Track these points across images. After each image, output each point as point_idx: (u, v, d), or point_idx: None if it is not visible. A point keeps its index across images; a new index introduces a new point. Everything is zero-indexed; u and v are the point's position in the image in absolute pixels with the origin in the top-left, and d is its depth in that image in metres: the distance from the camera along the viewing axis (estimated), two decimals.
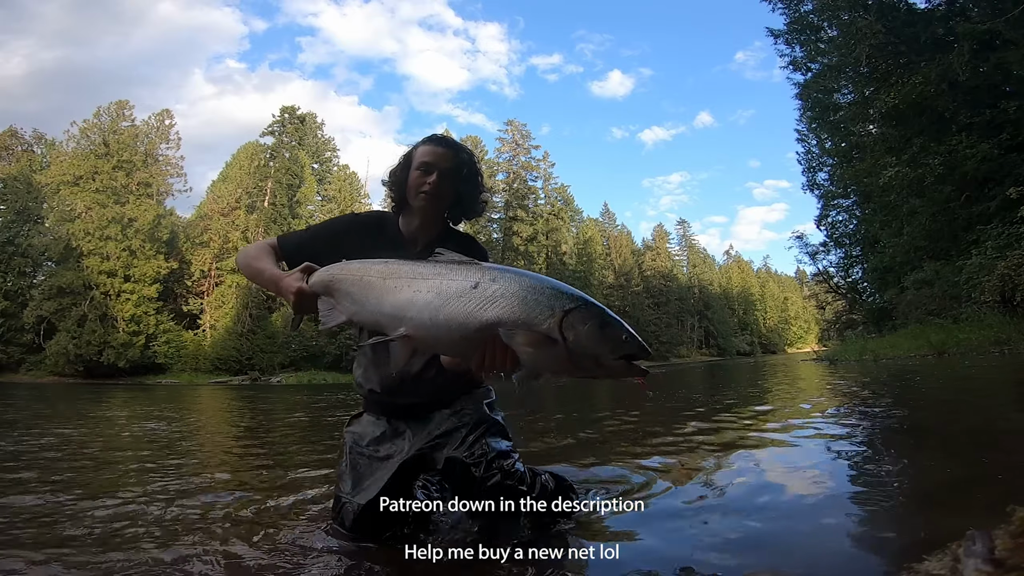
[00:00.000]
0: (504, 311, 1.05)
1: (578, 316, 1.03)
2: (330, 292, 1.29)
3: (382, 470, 1.45)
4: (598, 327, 1.03)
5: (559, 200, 50.62)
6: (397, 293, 1.16)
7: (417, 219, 1.50)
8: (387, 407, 1.52)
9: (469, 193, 1.52)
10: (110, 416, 6.71)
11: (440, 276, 1.13)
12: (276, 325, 33.85)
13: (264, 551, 1.37)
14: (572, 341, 1.02)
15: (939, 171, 13.47)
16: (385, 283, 1.19)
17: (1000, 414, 3.34)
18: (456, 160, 1.47)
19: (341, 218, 1.61)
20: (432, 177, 1.44)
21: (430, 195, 1.44)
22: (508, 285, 1.07)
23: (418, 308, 1.12)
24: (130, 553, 1.38)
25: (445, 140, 1.51)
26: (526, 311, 1.04)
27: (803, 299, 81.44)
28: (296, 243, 1.51)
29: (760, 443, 2.72)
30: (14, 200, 32.45)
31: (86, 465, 2.93)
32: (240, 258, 1.52)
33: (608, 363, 1.04)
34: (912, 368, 8.27)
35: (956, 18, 14.21)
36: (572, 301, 1.05)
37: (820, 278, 27.77)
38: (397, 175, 1.50)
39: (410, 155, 1.50)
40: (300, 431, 4.96)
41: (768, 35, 20.15)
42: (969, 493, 1.56)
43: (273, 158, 37.44)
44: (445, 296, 1.10)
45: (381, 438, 1.50)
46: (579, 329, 1.02)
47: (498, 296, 1.06)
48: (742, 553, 1.21)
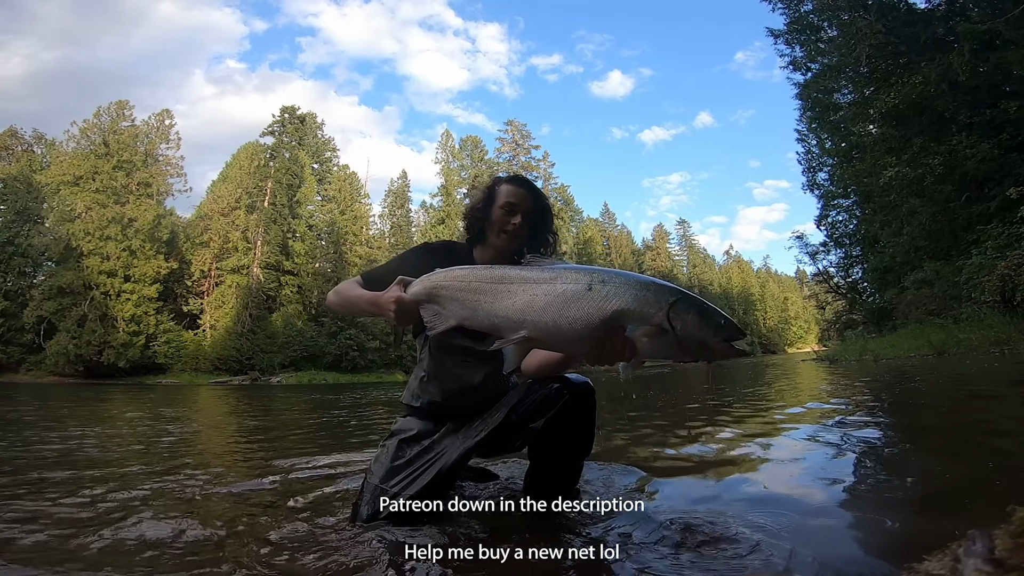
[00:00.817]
0: (623, 307, 1.16)
1: (682, 306, 1.14)
2: (434, 299, 1.36)
3: (422, 471, 1.51)
4: (699, 314, 1.14)
5: (559, 200, 50.66)
6: (512, 297, 1.24)
7: (492, 251, 1.61)
8: (440, 415, 1.60)
9: (543, 233, 1.64)
10: (111, 416, 6.71)
11: (551, 280, 1.22)
12: (276, 325, 33.88)
13: (265, 548, 1.37)
14: (680, 329, 1.14)
15: (939, 171, 13.47)
16: (497, 288, 1.26)
17: (1000, 414, 3.34)
18: (537, 204, 1.61)
19: (415, 249, 1.70)
20: (516, 219, 1.56)
21: (512, 235, 1.57)
22: (618, 285, 1.18)
23: (538, 311, 1.21)
24: (131, 553, 1.37)
25: (527, 183, 1.63)
26: (640, 306, 1.16)
27: (803, 299, 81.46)
28: (379, 275, 1.58)
29: (758, 443, 2.72)
30: (14, 200, 32.46)
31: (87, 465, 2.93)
32: (331, 296, 1.60)
33: (714, 345, 1.15)
34: (912, 368, 8.27)
35: (956, 18, 14.21)
36: (675, 294, 1.17)
37: (820, 278, 27.76)
38: (480, 211, 1.61)
39: (493, 192, 1.61)
40: (301, 431, 4.96)
41: (768, 35, 20.17)
42: (969, 493, 1.56)
43: (273, 158, 37.45)
44: (564, 298, 1.19)
45: (426, 436, 1.58)
46: (685, 318, 1.14)
47: (612, 296, 1.17)
48: (741, 553, 1.21)
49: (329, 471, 2.52)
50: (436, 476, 1.49)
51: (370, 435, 4.03)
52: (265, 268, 34.82)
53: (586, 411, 1.51)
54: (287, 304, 35.30)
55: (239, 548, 1.38)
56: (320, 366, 33.27)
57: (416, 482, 1.49)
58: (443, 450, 1.54)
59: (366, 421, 5.38)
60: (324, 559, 1.29)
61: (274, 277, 35.16)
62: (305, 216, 37.91)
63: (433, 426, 1.59)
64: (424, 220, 46.51)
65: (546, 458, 1.59)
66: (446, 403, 1.59)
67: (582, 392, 1.48)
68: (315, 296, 36.93)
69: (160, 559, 1.32)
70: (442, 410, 1.60)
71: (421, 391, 1.63)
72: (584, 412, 1.50)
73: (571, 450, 1.55)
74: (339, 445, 3.50)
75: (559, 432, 1.48)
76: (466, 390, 1.56)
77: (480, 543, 1.38)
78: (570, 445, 1.53)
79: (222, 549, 1.38)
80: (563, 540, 1.38)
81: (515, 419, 1.47)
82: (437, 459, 1.52)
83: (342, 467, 2.61)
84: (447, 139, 48.47)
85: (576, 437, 1.53)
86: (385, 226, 47.39)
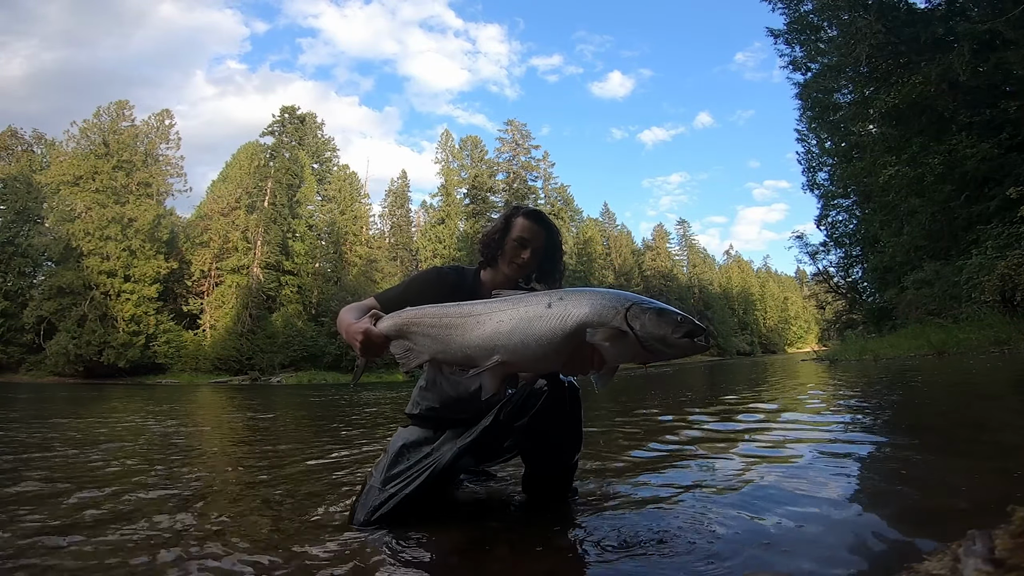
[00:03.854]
0: (581, 318, 1.23)
1: (638, 308, 1.22)
2: (405, 335, 1.42)
3: (419, 473, 1.54)
4: (656, 313, 1.22)
5: (559, 200, 50.63)
6: (481, 327, 1.32)
7: (502, 277, 1.69)
8: (441, 421, 1.65)
9: (551, 269, 1.73)
10: (112, 416, 6.71)
11: (514, 306, 1.31)
12: (276, 325, 33.87)
13: (265, 549, 1.36)
14: (639, 329, 1.20)
15: (939, 171, 13.46)
16: (466, 321, 1.34)
17: (1000, 414, 3.34)
18: (548, 241, 1.69)
19: (427, 272, 1.76)
20: (526, 253, 1.65)
21: (521, 267, 1.66)
22: (575, 298, 1.26)
23: (505, 334, 1.28)
24: (132, 553, 1.37)
25: (543, 219, 1.70)
26: (598, 313, 1.23)
27: (803, 299, 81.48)
28: (390, 298, 1.63)
29: (757, 443, 2.72)
30: (14, 200, 32.45)
31: (87, 465, 2.92)
32: (340, 314, 1.65)
33: (675, 341, 1.21)
34: (912, 368, 8.27)
35: (956, 18, 14.20)
36: (631, 299, 1.25)
37: (820, 278, 27.76)
38: (495, 240, 1.68)
39: (509, 223, 1.68)
40: (300, 431, 4.96)
41: (768, 35, 20.17)
42: (969, 493, 1.55)
43: (273, 158, 37.44)
44: (527, 319, 1.27)
45: (426, 443, 1.63)
46: (643, 318, 1.21)
47: (571, 308, 1.25)
48: (741, 553, 1.21)
49: (328, 472, 2.52)
50: (431, 475, 1.52)
51: (369, 435, 4.03)
52: (265, 268, 34.81)
53: (569, 404, 1.55)
54: (287, 304, 35.29)
55: (236, 548, 1.38)
56: (320, 366, 33.25)
57: (413, 483, 1.52)
58: (439, 453, 1.57)
59: (366, 421, 5.38)
60: (322, 560, 1.29)
61: (274, 277, 35.15)
62: (305, 216, 37.90)
63: (433, 433, 1.64)
64: (424, 220, 46.51)
65: (535, 454, 1.63)
66: (444, 409, 1.65)
67: (565, 388, 1.53)
68: (315, 296, 36.94)
69: (157, 559, 1.32)
70: (440, 416, 1.65)
71: (420, 399, 1.69)
72: (567, 406, 1.54)
73: (557, 442, 1.58)
74: (338, 445, 3.50)
75: (544, 426, 1.52)
76: (463, 397, 1.61)
77: (477, 543, 1.38)
78: (556, 437, 1.57)
79: (218, 549, 1.37)
80: (560, 540, 1.38)
81: (503, 418, 1.51)
82: (433, 461, 1.56)
83: (341, 468, 2.61)
84: (447, 139, 48.46)
85: (561, 430, 1.56)
86: (385, 226, 47.40)
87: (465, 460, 1.58)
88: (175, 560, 1.31)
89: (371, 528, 1.47)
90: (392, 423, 4.75)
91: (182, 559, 1.31)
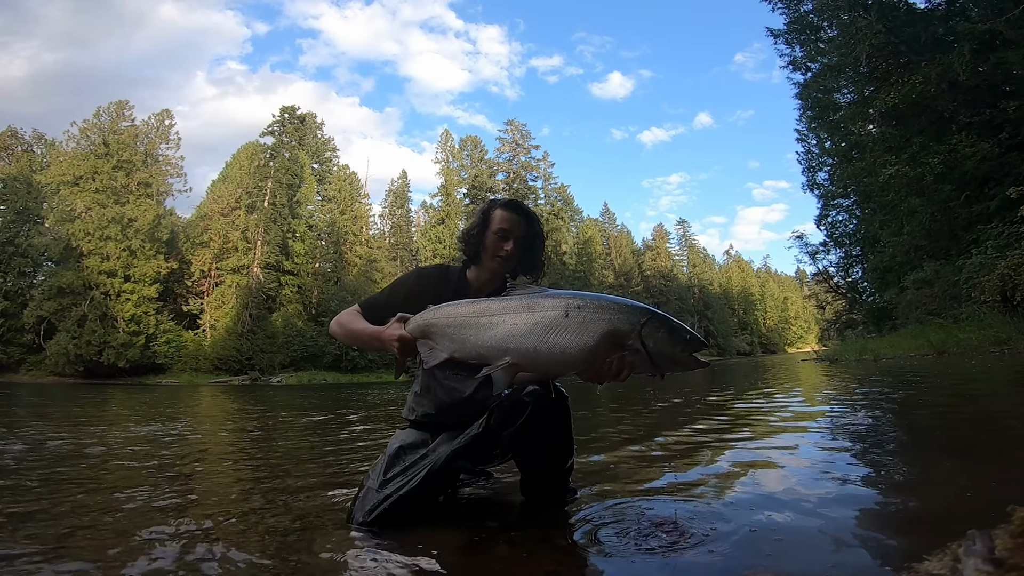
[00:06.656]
0: (599, 333, 1.26)
1: (652, 326, 1.26)
2: (427, 335, 1.46)
3: (415, 475, 1.54)
4: (668, 332, 1.26)
5: (559, 200, 50.61)
6: (495, 328, 1.34)
7: (486, 274, 1.69)
8: (437, 426, 1.66)
9: (534, 258, 1.73)
10: (112, 417, 6.71)
11: (530, 309, 1.32)
12: (276, 325, 33.85)
13: (263, 549, 1.36)
14: (652, 347, 1.25)
15: (939, 170, 13.47)
16: (480, 321, 1.37)
17: (1000, 414, 3.34)
18: (529, 230, 1.68)
19: (409, 274, 1.77)
20: (508, 244, 1.64)
21: (504, 259, 1.65)
22: (592, 308, 1.28)
23: (519, 338, 1.30)
24: (131, 554, 1.37)
25: (521, 208, 1.69)
26: (616, 329, 1.26)
27: (803, 299, 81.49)
28: (377, 303, 1.68)
29: (757, 443, 2.72)
30: (14, 200, 32.44)
31: (87, 465, 2.92)
32: (334, 326, 1.70)
33: (681, 359, 1.27)
34: (912, 368, 8.27)
35: (956, 18, 14.21)
36: (644, 315, 1.27)
37: (820, 278, 27.78)
38: (475, 235, 1.68)
39: (488, 217, 1.68)
40: (299, 432, 4.96)
41: (768, 35, 20.21)
42: (969, 493, 1.55)
43: (273, 158, 37.42)
44: (544, 327, 1.29)
45: (423, 445, 1.63)
46: (656, 336, 1.25)
47: (589, 321, 1.27)
48: (741, 553, 1.21)
49: (327, 472, 2.52)
50: (427, 475, 1.52)
51: (369, 436, 4.03)
52: (265, 268, 34.79)
53: (556, 413, 1.55)
54: (287, 304, 35.28)
55: (234, 549, 1.37)
56: (320, 366, 33.24)
57: (409, 484, 1.52)
58: (436, 454, 1.58)
59: (365, 422, 5.38)
60: (321, 560, 1.29)
61: (274, 277, 35.13)
62: (305, 216, 37.88)
63: (429, 437, 1.65)
64: (424, 220, 46.51)
65: (526, 461, 1.63)
66: (439, 414, 1.65)
67: (552, 398, 1.52)
68: (315, 296, 36.92)
69: (155, 559, 1.32)
70: (436, 421, 1.66)
71: (416, 404, 1.70)
72: (554, 407, 1.53)
73: (547, 448, 1.58)
74: (337, 446, 3.50)
75: (531, 435, 1.52)
76: (457, 402, 1.62)
77: (477, 543, 1.38)
78: (545, 444, 1.57)
79: (217, 549, 1.37)
80: (560, 540, 1.38)
81: (493, 422, 1.52)
82: (430, 462, 1.56)
83: (340, 468, 2.61)
84: (447, 139, 48.46)
85: (550, 437, 1.56)
86: (385, 226, 47.43)
87: (461, 462, 1.59)
88: (174, 560, 1.30)
89: (369, 528, 1.47)
90: (390, 424, 4.75)
91: (181, 559, 1.31)
